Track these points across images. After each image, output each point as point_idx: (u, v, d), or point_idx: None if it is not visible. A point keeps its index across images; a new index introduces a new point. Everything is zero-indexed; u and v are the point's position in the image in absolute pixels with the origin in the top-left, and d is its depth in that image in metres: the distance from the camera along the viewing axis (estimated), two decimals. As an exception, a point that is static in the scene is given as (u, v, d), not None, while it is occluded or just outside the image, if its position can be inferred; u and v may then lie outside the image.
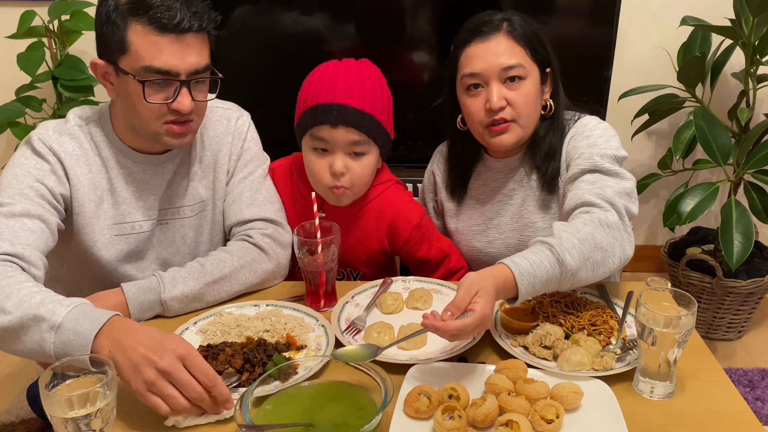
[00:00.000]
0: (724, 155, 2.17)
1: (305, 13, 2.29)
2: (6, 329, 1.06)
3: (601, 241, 1.21)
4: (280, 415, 0.97)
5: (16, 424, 2.04)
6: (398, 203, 1.55)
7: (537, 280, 1.14)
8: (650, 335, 1.04)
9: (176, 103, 1.25)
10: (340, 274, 1.57)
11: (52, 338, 1.03)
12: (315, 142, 1.43)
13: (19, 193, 1.25)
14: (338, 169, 1.41)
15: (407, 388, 1.06)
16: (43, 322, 1.04)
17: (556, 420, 0.98)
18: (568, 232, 1.20)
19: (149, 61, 1.21)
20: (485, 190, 1.57)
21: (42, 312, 1.05)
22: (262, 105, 1.95)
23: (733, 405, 1.06)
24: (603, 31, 2.27)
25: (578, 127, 1.47)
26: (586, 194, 1.31)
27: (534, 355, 1.16)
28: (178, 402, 0.98)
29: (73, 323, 1.04)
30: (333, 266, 1.34)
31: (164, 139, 1.30)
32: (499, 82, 1.40)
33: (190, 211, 1.46)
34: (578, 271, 1.18)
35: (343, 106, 1.38)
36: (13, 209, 1.23)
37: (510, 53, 1.39)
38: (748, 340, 2.51)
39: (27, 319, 1.05)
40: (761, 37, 2.19)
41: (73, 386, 0.92)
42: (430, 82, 2.36)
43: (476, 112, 1.43)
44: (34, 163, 1.29)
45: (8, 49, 2.41)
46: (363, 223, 1.54)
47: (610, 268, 1.23)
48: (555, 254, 1.16)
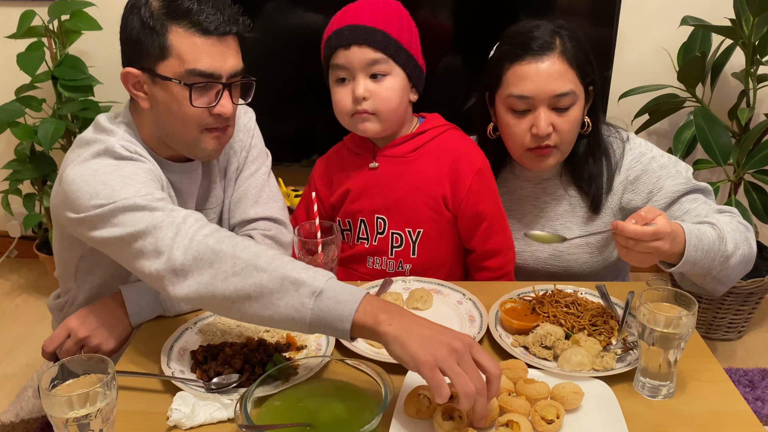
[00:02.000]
0: (725, 155, 2.17)
1: (310, 10, 2.29)
2: (264, 288, 0.99)
3: (747, 235, 1.30)
4: (280, 415, 0.97)
5: (16, 424, 2.04)
6: (460, 145, 1.45)
7: (701, 244, 1.19)
8: (651, 335, 1.04)
9: (219, 106, 1.23)
10: (399, 238, 1.47)
11: (312, 304, 0.97)
12: (335, 71, 1.38)
13: (144, 186, 1.16)
14: (359, 93, 1.35)
15: (407, 388, 1.06)
16: (303, 286, 0.98)
17: (556, 420, 0.98)
18: (722, 221, 1.27)
19: (193, 64, 1.19)
20: (511, 198, 1.53)
21: (303, 276, 0.99)
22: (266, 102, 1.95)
23: (734, 405, 1.05)
24: (603, 31, 2.27)
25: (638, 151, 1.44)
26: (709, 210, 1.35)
27: (534, 355, 1.16)
28: (466, 382, 0.90)
29: (333, 292, 0.97)
30: (333, 266, 1.33)
31: (202, 146, 1.27)
32: (548, 107, 1.34)
33: (213, 214, 1.45)
34: (731, 256, 1.24)
35: (353, 26, 1.33)
36: (155, 195, 1.14)
37: (564, 79, 1.33)
38: (748, 340, 2.51)
39: (287, 282, 0.99)
40: (761, 37, 2.19)
41: (73, 386, 0.92)
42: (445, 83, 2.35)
43: (520, 135, 1.38)
44: (132, 165, 1.20)
45: (8, 49, 2.41)
46: (421, 166, 1.44)
47: (746, 268, 1.31)
48: (717, 231, 1.23)
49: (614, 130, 1.48)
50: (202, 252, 1.04)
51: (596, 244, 1.48)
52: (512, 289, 1.36)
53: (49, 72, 2.44)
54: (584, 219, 1.48)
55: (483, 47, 1.50)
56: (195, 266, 1.04)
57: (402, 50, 1.37)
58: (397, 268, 1.50)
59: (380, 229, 1.49)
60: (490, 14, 2.27)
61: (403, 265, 1.50)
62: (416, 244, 1.48)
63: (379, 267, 1.51)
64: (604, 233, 1.32)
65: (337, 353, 1.19)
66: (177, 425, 1.01)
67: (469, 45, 2.34)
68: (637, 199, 1.44)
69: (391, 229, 1.48)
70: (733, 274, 1.29)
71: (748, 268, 1.32)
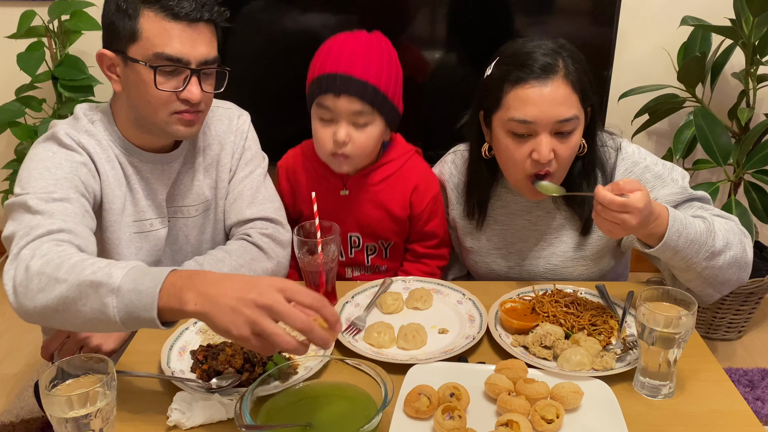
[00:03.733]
0: (724, 155, 2.17)
1: (307, 11, 2.29)
2: (64, 299, 1.00)
3: (743, 238, 1.29)
4: (280, 415, 0.97)
5: (16, 424, 2.04)
6: (420, 174, 1.56)
7: (686, 231, 1.19)
8: (650, 335, 1.04)
9: (186, 92, 1.25)
10: (373, 249, 1.59)
11: (114, 302, 0.96)
12: (320, 111, 1.43)
13: (54, 183, 1.21)
14: (341, 138, 1.41)
15: (407, 388, 1.06)
16: (101, 287, 0.97)
17: (556, 420, 0.98)
18: (717, 220, 1.28)
19: (161, 48, 1.22)
20: (505, 212, 1.51)
21: (99, 277, 0.97)
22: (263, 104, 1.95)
23: (733, 405, 1.06)
24: (603, 31, 2.26)
25: (631, 161, 1.42)
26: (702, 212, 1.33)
27: (534, 355, 1.16)
28: (285, 340, 0.88)
29: (132, 283, 0.95)
30: (333, 266, 1.34)
31: (173, 128, 1.29)
32: (550, 133, 1.29)
33: (195, 211, 1.45)
34: (719, 254, 1.23)
35: (346, 76, 1.38)
36: (53, 195, 1.19)
37: (568, 104, 1.28)
38: (748, 340, 2.51)
39: (84, 286, 0.98)
40: (761, 37, 2.19)
41: (73, 386, 0.92)
42: (436, 82, 2.36)
43: (520, 160, 1.32)
44: (66, 155, 1.26)
45: (8, 49, 2.41)
46: (388, 194, 1.55)
47: (738, 274, 1.28)
48: (707, 225, 1.23)
49: (608, 137, 1.45)
50: (24, 272, 1.06)
51: (591, 257, 1.46)
52: (512, 289, 1.36)
53: (49, 72, 2.44)
54: (577, 234, 1.47)
55: (481, 49, 1.49)
56: (23, 285, 1.06)
57: (387, 102, 1.43)
58: (374, 272, 1.62)
59: (355, 245, 1.58)
60: (490, 13, 2.28)
61: (380, 268, 1.62)
62: (388, 250, 1.61)
63: (358, 273, 1.62)
64: (588, 195, 1.31)
65: (337, 353, 1.19)
66: (177, 425, 1.01)
67: (467, 47, 2.34)
68: None
69: (365, 242, 1.59)
70: (722, 276, 1.26)
71: (742, 276, 1.29)
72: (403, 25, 2.31)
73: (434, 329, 1.27)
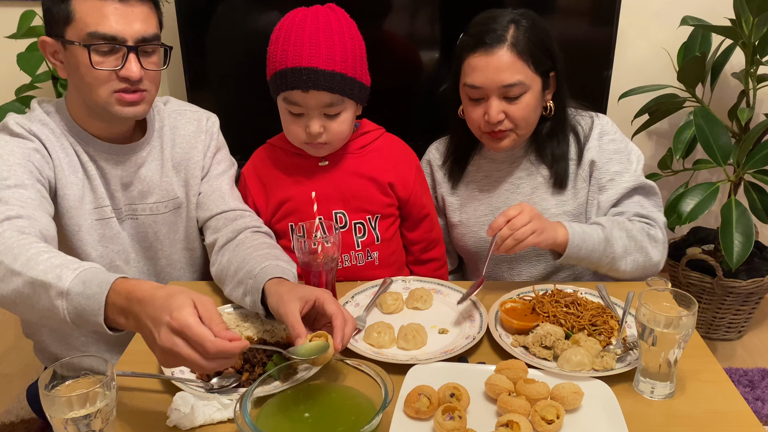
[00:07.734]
0: (724, 155, 2.16)
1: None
2: (20, 294, 1.01)
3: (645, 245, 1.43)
4: (280, 415, 0.97)
5: (16, 424, 2.05)
6: (398, 145, 1.59)
7: (585, 245, 1.35)
8: (651, 335, 1.04)
9: (125, 69, 1.25)
10: (361, 229, 1.53)
11: (64, 305, 0.97)
12: (289, 105, 1.40)
13: (7, 170, 1.22)
14: (314, 132, 1.39)
15: (407, 388, 1.06)
16: (50, 288, 0.97)
17: (556, 420, 0.98)
18: (617, 224, 1.41)
19: (94, 27, 1.22)
20: (489, 181, 1.60)
21: (49, 278, 0.98)
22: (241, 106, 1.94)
23: (734, 405, 1.05)
24: (603, 31, 2.26)
25: (602, 129, 1.53)
26: (635, 207, 1.48)
27: (534, 355, 1.16)
28: (198, 365, 0.89)
29: (81, 287, 0.96)
30: (333, 266, 1.33)
31: (115, 108, 1.29)
32: (499, 97, 1.42)
33: (164, 208, 1.45)
34: (620, 259, 1.40)
35: (312, 69, 1.34)
36: (8, 182, 1.20)
37: (512, 70, 1.40)
38: (748, 340, 2.51)
39: (36, 285, 0.99)
40: (761, 37, 2.19)
41: (73, 386, 0.92)
42: (424, 79, 2.35)
43: (476, 120, 1.47)
44: (17, 143, 1.27)
45: (8, 49, 2.41)
46: (369, 159, 1.53)
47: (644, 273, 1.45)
48: (605, 234, 1.37)
49: (584, 110, 1.57)
50: None
51: (572, 212, 1.55)
52: (512, 289, 1.36)
53: (49, 72, 2.43)
54: (556, 190, 1.55)
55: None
56: None
57: (356, 84, 1.41)
58: (366, 259, 1.54)
59: (341, 224, 1.52)
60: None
61: (371, 254, 1.54)
62: (377, 230, 1.54)
63: (349, 263, 1.53)
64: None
65: (337, 353, 1.18)
66: (177, 425, 1.01)
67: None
68: (603, 178, 1.52)
69: (352, 220, 1.52)
70: (628, 276, 1.44)
71: (648, 274, 1.46)
72: (403, 25, 2.31)
73: (434, 329, 1.27)
